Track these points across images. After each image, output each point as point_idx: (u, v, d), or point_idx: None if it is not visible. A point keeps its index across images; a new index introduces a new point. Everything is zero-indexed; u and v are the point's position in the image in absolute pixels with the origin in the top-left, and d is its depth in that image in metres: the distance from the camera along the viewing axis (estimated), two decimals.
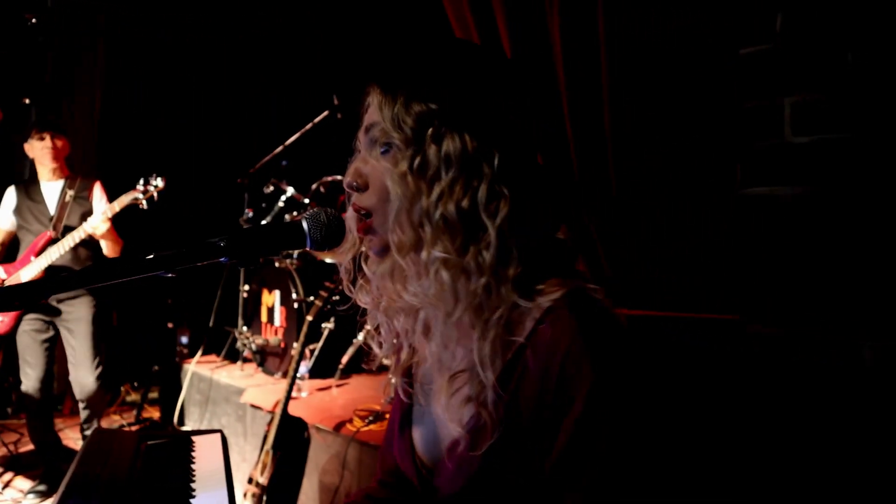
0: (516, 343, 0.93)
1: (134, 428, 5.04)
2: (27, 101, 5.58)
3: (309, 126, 4.54)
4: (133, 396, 5.65)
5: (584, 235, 1.96)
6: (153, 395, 5.52)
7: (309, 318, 3.28)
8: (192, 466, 1.60)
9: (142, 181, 3.63)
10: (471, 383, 0.94)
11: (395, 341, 1.08)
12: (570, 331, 0.88)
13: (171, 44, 5.82)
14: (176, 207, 3.65)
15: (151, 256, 0.87)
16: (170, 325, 5.49)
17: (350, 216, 1.02)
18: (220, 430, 1.85)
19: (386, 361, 1.15)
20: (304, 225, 0.96)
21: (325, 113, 4.47)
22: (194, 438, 1.78)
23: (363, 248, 1.04)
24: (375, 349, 1.11)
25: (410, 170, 0.92)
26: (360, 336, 4.26)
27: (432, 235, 0.92)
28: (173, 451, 1.69)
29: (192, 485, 1.49)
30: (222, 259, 0.89)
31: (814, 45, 1.49)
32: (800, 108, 1.49)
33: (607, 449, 0.87)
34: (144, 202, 3.61)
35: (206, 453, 1.70)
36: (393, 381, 1.14)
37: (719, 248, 1.74)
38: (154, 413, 5.27)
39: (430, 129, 0.92)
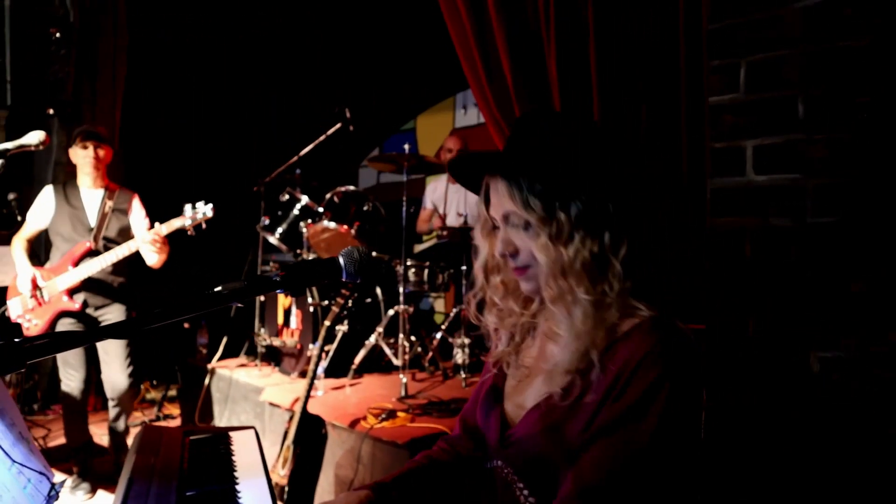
0: (617, 334, 1.19)
1: (157, 425, 5.28)
2: (51, 111, 5.82)
3: (322, 137, 4.76)
4: (153, 394, 5.91)
5: None
6: (172, 392, 5.78)
7: (327, 322, 3.50)
8: (233, 458, 1.82)
9: (189, 208, 3.71)
10: (575, 359, 1.20)
11: (509, 338, 1.39)
12: (655, 338, 1.15)
13: (191, 56, 6.04)
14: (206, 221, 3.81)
15: (221, 289, 1.09)
16: (186, 325, 5.74)
17: (478, 268, 1.37)
18: (253, 427, 2.08)
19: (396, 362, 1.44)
20: (341, 261, 1.19)
21: (338, 125, 4.69)
22: (231, 434, 2.01)
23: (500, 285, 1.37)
24: (494, 347, 1.42)
25: (549, 239, 1.19)
26: (372, 339, 4.49)
27: (576, 281, 1.19)
28: (214, 444, 1.92)
29: (235, 473, 1.72)
30: (279, 291, 1.11)
31: (771, 97, 1.71)
32: (760, 150, 1.72)
33: (645, 424, 1.11)
34: (192, 229, 3.71)
35: (243, 447, 1.92)
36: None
37: (689, 266, 1.97)
38: (174, 410, 5.51)
39: (557, 203, 1.18)
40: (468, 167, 1.35)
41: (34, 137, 2.59)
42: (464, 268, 4.68)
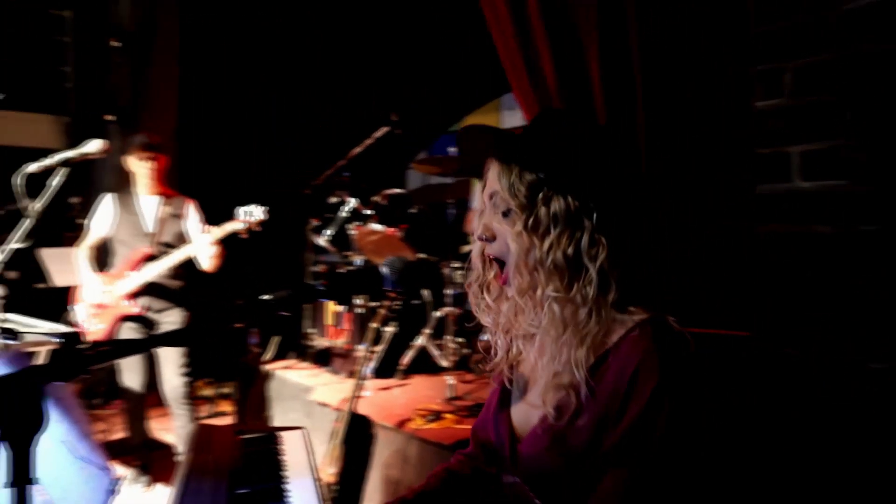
0: (606, 346, 1.19)
1: (210, 422, 5.43)
2: (109, 117, 6.04)
3: (369, 141, 4.82)
4: (207, 391, 6.08)
5: None
6: (225, 390, 5.94)
7: (374, 324, 3.55)
8: (282, 457, 1.88)
9: (242, 212, 3.81)
10: (568, 374, 1.19)
11: (507, 347, 1.36)
12: (647, 345, 1.14)
13: (241, 60, 6.20)
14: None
15: (269, 297, 1.14)
16: (238, 325, 5.87)
17: (476, 254, 1.33)
18: (302, 427, 2.14)
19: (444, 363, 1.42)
20: (383, 270, 1.22)
21: (386, 129, 4.74)
22: (281, 434, 2.07)
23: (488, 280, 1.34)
24: (492, 352, 1.39)
25: (525, 228, 1.19)
26: (420, 340, 4.54)
27: (546, 277, 1.18)
28: (265, 444, 1.98)
29: (284, 472, 1.77)
30: (322, 299, 1.16)
31: (818, 101, 1.68)
32: (807, 156, 1.68)
33: (654, 438, 1.11)
34: (246, 232, 3.81)
35: (292, 446, 1.98)
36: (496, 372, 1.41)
37: (735, 274, 1.94)
38: (227, 407, 5.66)
39: (540, 194, 1.18)
40: (474, 140, 1.35)
41: (95, 146, 2.71)
42: None
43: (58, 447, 1.44)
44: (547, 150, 1.21)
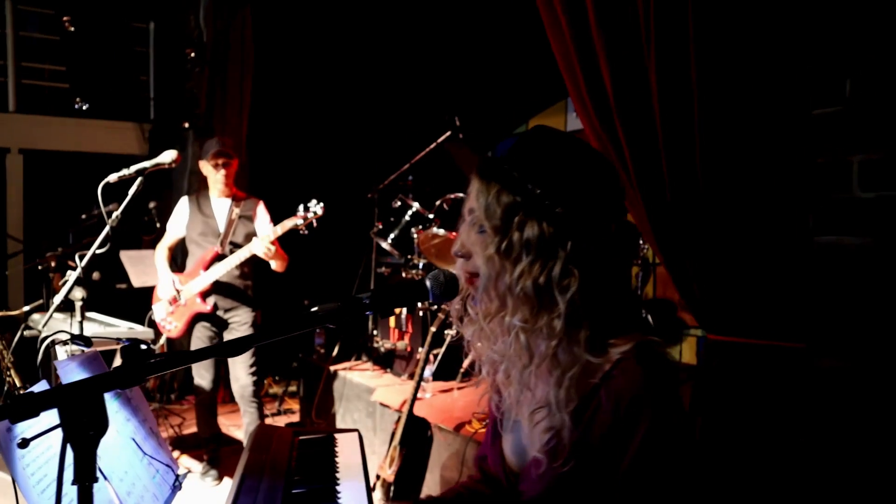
0: (591, 384, 1.13)
1: (277, 418, 5.62)
2: (186, 124, 6.31)
3: (433, 145, 4.89)
4: (275, 389, 6.28)
5: (680, 268, 2.16)
6: (292, 388, 6.12)
7: (433, 328, 3.61)
8: (336, 459, 1.95)
9: (301, 207, 3.91)
10: (549, 417, 1.16)
11: (492, 373, 1.30)
12: (637, 380, 1.10)
13: (308, 67, 6.37)
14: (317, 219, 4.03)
15: (317, 309, 1.19)
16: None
17: (458, 271, 1.27)
18: (356, 430, 2.20)
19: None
20: (427, 283, 1.26)
21: (448, 133, 4.80)
22: (336, 436, 2.14)
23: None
24: (476, 371, 1.33)
25: (497, 251, 1.14)
26: None
27: (513, 305, 1.15)
28: (320, 445, 2.05)
29: (337, 474, 1.84)
30: (367, 312, 1.20)
31: (879, 110, 1.63)
32: (866, 165, 1.63)
33: (656, 475, 1.09)
34: (305, 228, 3.93)
35: (346, 448, 2.04)
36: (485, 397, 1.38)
37: (792, 285, 1.89)
38: (293, 405, 5.83)
39: (516, 218, 1.13)
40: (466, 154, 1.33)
41: (168, 157, 2.85)
42: None
43: (126, 444, 1.54)
44: (527, 172, 1.15)
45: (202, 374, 4.20)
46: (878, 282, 1.69)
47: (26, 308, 4.41)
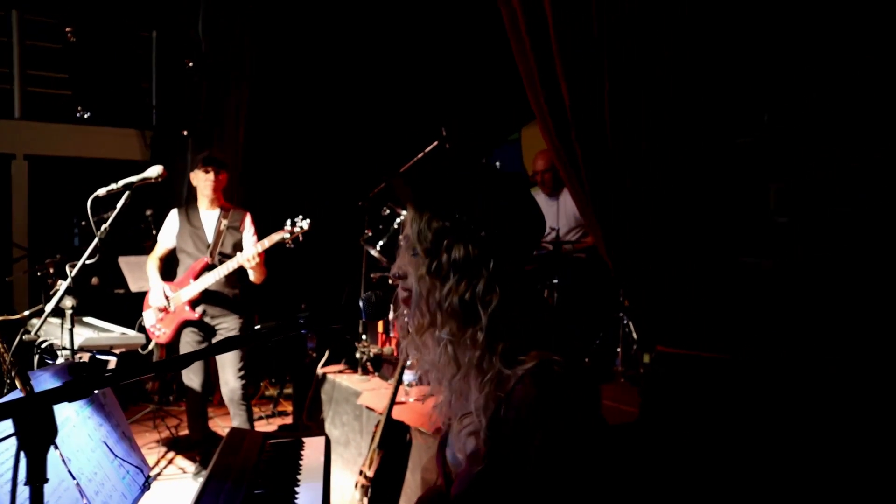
0: (502, 394, 1.25)
1: (272, 420, 5.76)
2: (185, 132, 6.46)
3: (420, 155, 5.01)
4: (271, 391, 6.42)
5: (628, 282, 2.30)
6: (288, 391, 6.26)
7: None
8: (300, 462, 2.08)
9: (289, 222, 4.05)
10: (473, 423, 1.29)
11: (435, 385, 1.43)
12: (532, 393, 1.22)
13: (300, 78, 6.52)
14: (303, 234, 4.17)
15: (259, 327, 1.32)
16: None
17: (399, 293, 1.42)
18: (324, 434, 2.34)
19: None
20: (360, 304, 1.39)
21: (435, 143, 4.92)
22: (305, 440, 2.27)
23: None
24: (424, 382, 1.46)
25: (428, 271, 1.29)
26: None
27: (441, 320, 1.29)
28: (289, 449, 2.18)
29: (298, 476, 1.97)
30: (302, 331, 1.33)
31: (793, 140, 1.75)
32: (781, 192, 1.76)
33: (552, 482, 1.21)
34: (291, 242, 4.06)
35: (312, 453, 2.17)
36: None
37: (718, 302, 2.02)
38: (288, 407, 5.97)
39: (444, 241, 1.27)
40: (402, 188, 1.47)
41: (154, 171, 3.00)
42: (555, 280, 4.78)
43: (97, 447, 1.68)
44: (454, 203, 1.29)
45: (191, 378, 4.33)
46: (789, 299, 1.81)
47: (26, 312, 4.57)
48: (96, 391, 1.62)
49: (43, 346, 3.69)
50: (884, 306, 1.86)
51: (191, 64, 6.19)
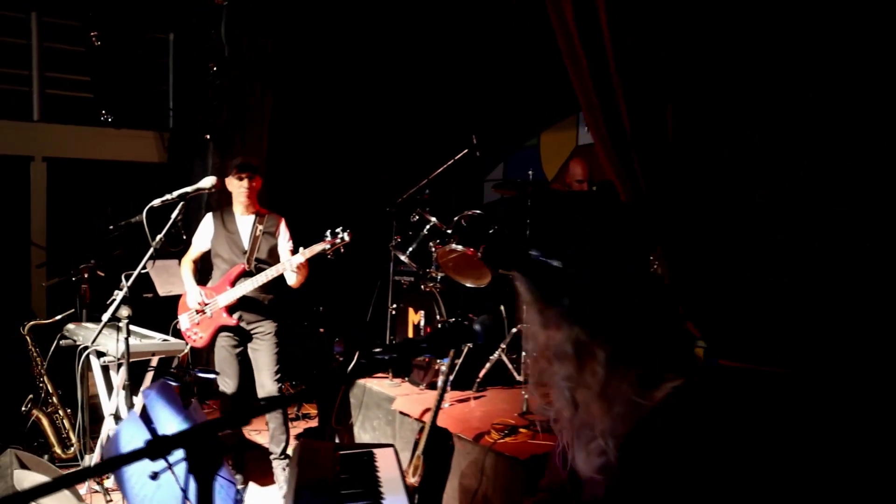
0: (635, 419, 1.30)
1: (296, 423, 5.78)
2: (207, 136, 6.48)
3: (450, 162, 5.05)
4: (290, 392, 6.44)
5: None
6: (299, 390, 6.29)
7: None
8: (378, 475, 2.11)
9: (329, 233, 4.10)
10: (602, 446, 1.33)
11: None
12: (673, 421, 1.27)
13: (327, 84, 6.54)
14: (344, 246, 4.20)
15: (380, 350, 1.35)
16: (321, 330, 6.25)
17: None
18: (392, 445, 2.36)
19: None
20: (477, 328, 1.42)
21: (465, 151, 4.96)
22: (375, 452, 2.30)
23: None
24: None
25: (542, 326, 1.36)
26: (496, 354, 4.72)
27: (558, 366, 1.35)
28: (362, 461, 2.21)
29: (381, 489, 2.00)
30: (427, 356, 1.37)
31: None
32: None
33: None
34: (332, 253, 4.10)
35: (385, 464, 2.21)
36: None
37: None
38: (311, 410, 6.01)
39: (549, 294, 1.34)
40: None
41: (208, 182, 3.03)
42: None
43: None
44: (544, 265, 1.36)
45: (226, 381, 4.35)
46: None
47: (58, 317, 4.60)
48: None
49: (86, 352, 3.71)
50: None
51: (214, 69, 6.19)
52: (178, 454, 1.04)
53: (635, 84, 2.48)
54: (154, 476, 1.04)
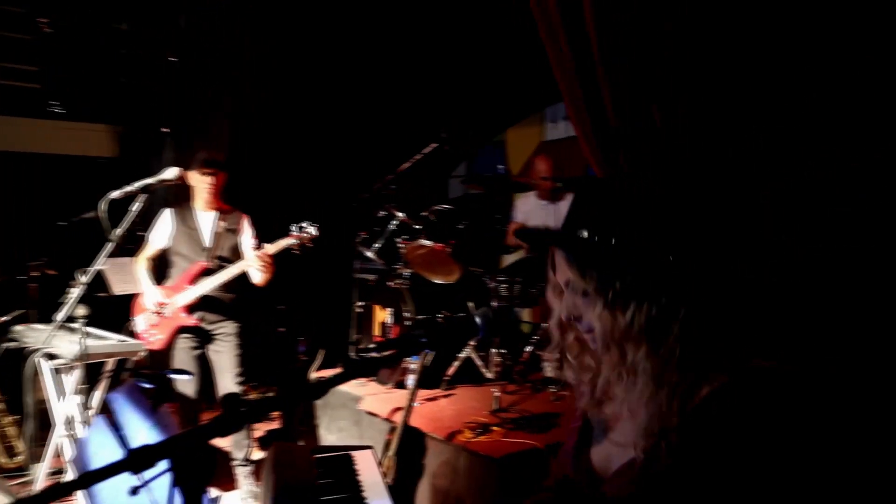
0: (695, 402, 1.24)
1: (258, 425, 5.61)
2: (166, 130, 6.25)
3: (418, 156, 4.95)
4: (253, 395, 6.26)
5: None
6: (270, 395, 6.12)
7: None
8: (358, 478, 2.00)
9: (296, 228, 3.95)
10: (656, 422, 1.26)
11: (591, 389, 1.43)
12: (723, 414, 1.21)
13: (291, 79, 6.38)
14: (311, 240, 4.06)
15: (374, 346, 1.26)
16: (281, 329, 6.09)
17: (553, 325, 1.42)
18: (371, 447, 2.26)
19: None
20: (478, 321, 1.34)
21: (434, 145, 4.86)
22: (352, 454, 2.19)
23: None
24: (578, 398, 1.48)
25: (605, 307, 1.26)
26: (465, 351, 4.64)
27: (633, 346, 1.26)
28: (340, 464, 2.10)
29: (363, 493, 1.90)
30: (426, 350, 1.27)
31: None
32: None
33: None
34: (298, 248, 3.95)
35: (364, 466, 2.10)
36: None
37: None
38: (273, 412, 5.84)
39: (612, 271, 1.25)
40: (534, 239, 1.45)
41: (172, 173, 2.88)
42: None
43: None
44: (605, 231, 1.28)
45: (186, 385, 4.17)
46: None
47: (5, 318, 4.36)
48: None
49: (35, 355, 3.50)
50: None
51: (172, 59, 5.97)
52: (162, 466, 0.93)
53: (621, 73, 2.42)
54: (134, 491, 0.93)
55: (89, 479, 0.87)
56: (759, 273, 2.16)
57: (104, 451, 1.47)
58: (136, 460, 0.88)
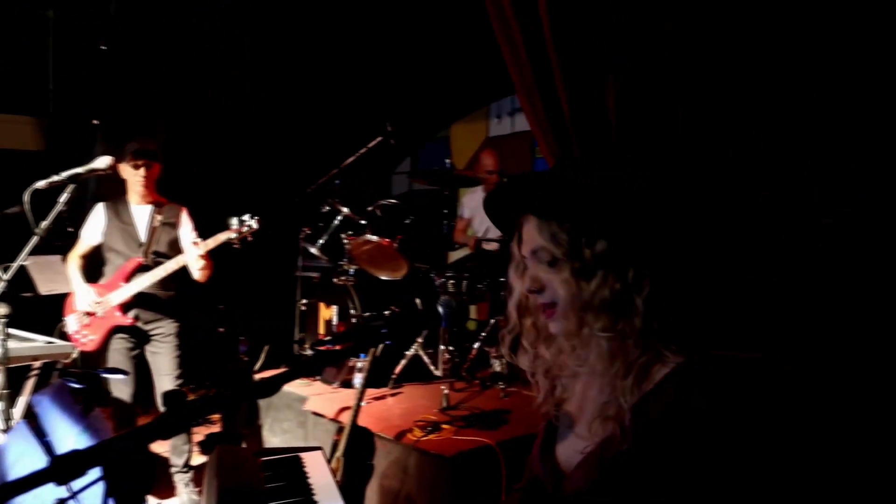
0: (651, 383, 1.22)
1: (198, 428, 5.41)
2: (96, 122, 5.97)
3: (363, 150, 4.84)
4: (191, 397, 6.04)
5: None
6: (210, 395, 5.91)
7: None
8: (308, 481, 1.91)
9: (236, 221, 3.78)
10: (611, 406, 1.23)
11: (550, 387, 1.41)
12: (678, 394, 1.18)
13: (232, 70, 6.17)
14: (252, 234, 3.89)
15: (330, 338, 1.17)
16: (221, 329, 5.88)
17: (511, 306, 1.38)
18: (320, 448, 2.16)
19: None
20: (440, 310, 1.27)
21: (379, 139, 4.76)
22: (301, 455, 2.09)
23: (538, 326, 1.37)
24: (536, 393, 1.43)
25: (572, 274, 1.23)
26: (413, 349, 4.56)
27: (593, 317, 1.22)
28: (288, 467, 2.00)
29: (314, 497, 1.80)
30: (385, 342, 1.19)
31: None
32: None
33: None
34: (238, 242, 3.79)
35: (314, 468, 2.01)
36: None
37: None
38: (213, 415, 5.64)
39: (583, 239, 1.22)
40: (504, 202, 1.39)
41: (104, 162, 2.71)
42: (502, 279, 4.74)
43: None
44: (581, 197, 1.25)
45: (121, 388, 3.97)
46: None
47: None
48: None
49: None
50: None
51: (104, 47, 5.70)
52: (94, 475, 0.82)
53: (575, 62, 2.38)
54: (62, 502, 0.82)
55: (7, 491, 0.75)
56: (758, 273, 2.15)
57: (25, 459, 1.33)
58: (63, 469, 0.77)
